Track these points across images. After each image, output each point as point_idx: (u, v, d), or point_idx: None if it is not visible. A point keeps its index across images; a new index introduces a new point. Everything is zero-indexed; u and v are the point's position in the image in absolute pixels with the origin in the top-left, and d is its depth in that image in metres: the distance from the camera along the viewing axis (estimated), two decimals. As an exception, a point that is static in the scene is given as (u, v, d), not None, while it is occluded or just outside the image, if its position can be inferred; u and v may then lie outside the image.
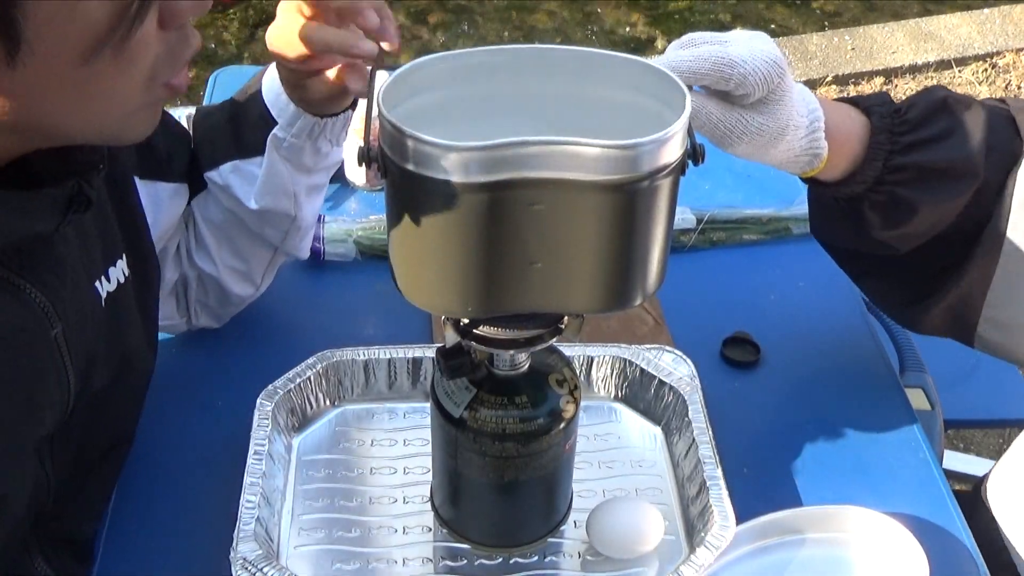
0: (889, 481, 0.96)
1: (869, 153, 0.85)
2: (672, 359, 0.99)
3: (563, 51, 0.68)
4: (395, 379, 0.99)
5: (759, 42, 0.77)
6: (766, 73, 0.75)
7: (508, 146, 0.59)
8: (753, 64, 0.75)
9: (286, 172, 0.93)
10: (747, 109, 0.78)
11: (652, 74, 0.68)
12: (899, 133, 0.85)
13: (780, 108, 0.78)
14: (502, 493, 0.80)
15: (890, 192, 0.86)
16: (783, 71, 0.76)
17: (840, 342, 1.12)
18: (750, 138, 0.79)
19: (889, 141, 0.85)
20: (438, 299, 0.67)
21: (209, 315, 1.06)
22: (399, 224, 0.64)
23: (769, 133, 0.79)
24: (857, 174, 0.85)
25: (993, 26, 3.32)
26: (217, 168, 0.94)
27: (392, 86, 0.64)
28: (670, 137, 0.61)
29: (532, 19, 3.43)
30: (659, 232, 0.65)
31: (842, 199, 0.88)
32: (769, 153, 0.82)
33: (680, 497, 0.91)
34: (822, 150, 0.83)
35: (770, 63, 0.76)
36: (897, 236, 0.89)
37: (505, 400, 0.76)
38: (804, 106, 0.81)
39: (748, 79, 0.75)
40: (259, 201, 0.94)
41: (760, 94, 0.77)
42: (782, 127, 0.79)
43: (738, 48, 0.75)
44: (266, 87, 0.91)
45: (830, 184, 0.87)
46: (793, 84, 0.79)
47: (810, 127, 0.82)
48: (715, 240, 1.24)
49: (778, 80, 0.76)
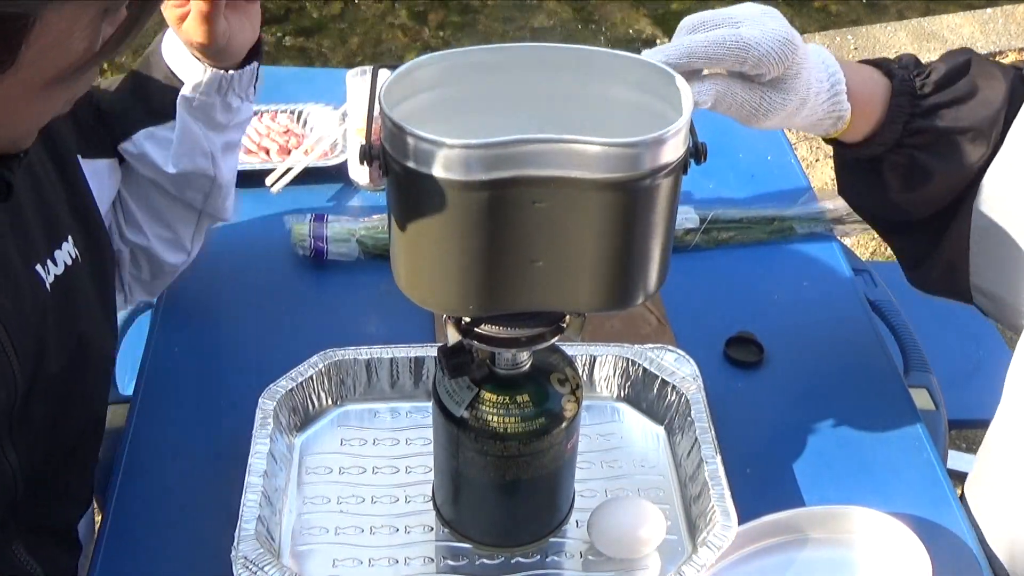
0: (893, 481, 0.95)
1: (889, 115, 0.86)
2: (675, 359, 0.99)
3: (564, 49, 0.68)
4: (397, 378, 0.98)
5: (770, 20, 0.77)
6: (780, 54, 0.76)
7: (509, 144, 0.58)
8: (768, 46, 0.75)
9: (200, 131, 0.95)
10: (766, 86, 0.79)
11: (654, 72, 0.67)
12: (920, 96, 0.86)
13: (798, 82, 0.79)
14: (504, 492, 0.80)
15: (909, 155, 0.87)
16: (795, 47, 0.77)
17: (844, 342, 1.12)
18: (775, 112, 0.79)
19: (910, 104, 0.86)
20: (439, 297, 0.67)
21: (143, 289, 1.07)
22: (401, 222, 0.64)
23: (792, 105, 0.80)
24: (877, 136, 0.86)
25: (996, 25, 3.32)
26: (131, 138, 0.95)
27: (393, 84, 0.64)
28: (671, 135, 0.60)
29: (534, 18, 3.43)
30: (660, 231, 0.65)
31: (863, 160, 0.89)
32: (793, 121, 0.83)
33: (682, 497, 0.91)
34: (845, 112, 0.83)
35: (782, 42, 0.76)
36: (916, 199, 0.90)
37: (507, 399, 0.76)
38: (823, 71, 0.82)
39: (763, 60, 0.75)
40: (177, 164, 0.96)
41: (776, 73, 0.77)
42: (803, 98, 0.80)
43: (751, 29, 0.76)
44: (167, 51, 0.93)
45: (852, 146, 0.88)
46: (808, 54, 0.80)
47: (831, 90, 0.82)
48: (719, 240, 1.24)
49: (792, 57, 0.77)
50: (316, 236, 1.17)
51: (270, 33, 3.38)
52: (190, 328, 1.09)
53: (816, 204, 1.28)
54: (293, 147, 1.34)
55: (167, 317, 1.10)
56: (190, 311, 1.10)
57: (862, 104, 0.85)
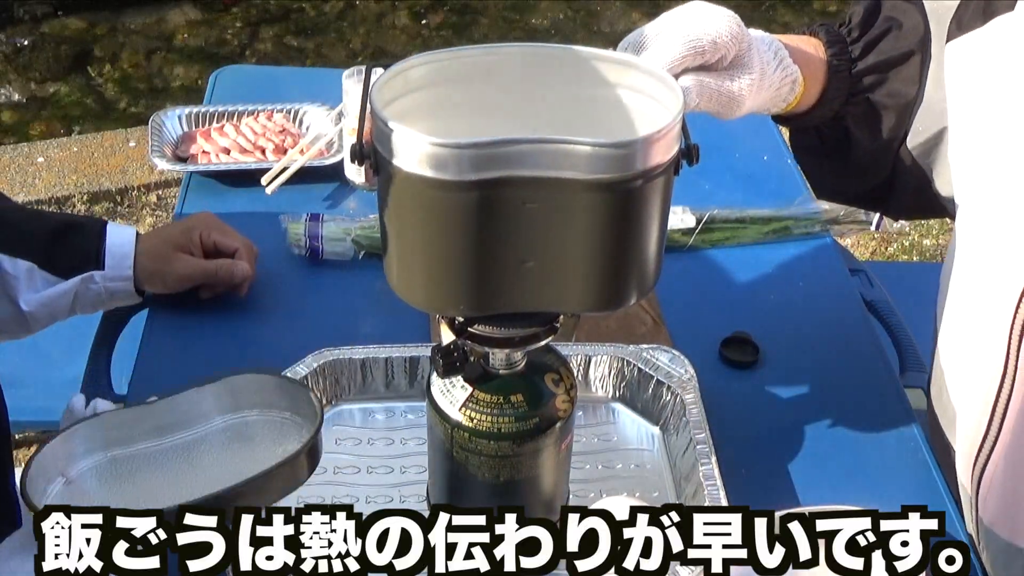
0: (888, 481, 0.95)
1: (832, 67, 0.88)
2: (670, 359, 0.99)
3: (557, 50, 0.68)
4: (392, 378, 0.98)
5: (702, 11, 0.78)
6: (729, 29, 0.77)
7: (500, 144, 0.58)
8: (715, 27, 0.76)
9: (69, 306, 1.01)
10: (728, 70, 0.80)
11: (645, 74, 0.67)
12: (851, 41, 0.89)
13: (751, 55, 0.80)
14: (498, 492, 0.80)
15: (865, 99, 0.90)
16: (738, 19, 0.78)
17: (840, 342, 1.12)
18: (746, 91, 0.80)
19: (845, 52, 0.89)
20: (431, 297, 0.67)
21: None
22: (392, 221, 0.64)
23: (755, 78, 0.81)
24: (829, 91, 0.89)
25: (996, 26, 3.32)
26: (15, 259, 0.99)
27: (385, 84, 0.64)
28: (662, 136, 0.60)
29: (531, 18, 3.43)
30: (652, 232, 0.65)
31: (825, 128, 0.92)
32: (760, 98, 0.84)
33: (677, 497, 0.90)
34: (795, 72, 0.85)
35: (728, 18, 0.77)
36: (885, 144, 0.92)
37: (501, 399, 0.76)
38: (761, 39, 0.83)
39: (718, 41, 0.76)
40: (29, 306, 0.99)
41: (735, 51, 0.78)
42: (761, 70, 0.81)
43: (693, 21, 0.77)
44: (115, 239, 1.01)
45: (810, 113, 0.90)
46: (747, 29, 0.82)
47: (777, 55, 0.84)
48: (714, 240, 1.24)
49: (740, 31, 0.78)
50: (312, 235, 1.17)
51: (270, 33, 3.38)
52: (184, 327, 1.09)
53: (812, 204, 1.28)
54: (289, 146, 1.34)
55: (161, 316, 1.10)
56: (184, 310, 1.10)
57: (803, 63, 0.86)
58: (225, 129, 1.38)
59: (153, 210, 2.60)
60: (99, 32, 3.38)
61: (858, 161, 0.94)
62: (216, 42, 3.35)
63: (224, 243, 1.09)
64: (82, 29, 3.39)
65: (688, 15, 0.78)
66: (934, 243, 2.59)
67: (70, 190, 2.57)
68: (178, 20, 3.44)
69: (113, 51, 3.30)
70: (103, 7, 3.41)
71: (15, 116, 3.05)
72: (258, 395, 0.78)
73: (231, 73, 1.57)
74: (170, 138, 1.39)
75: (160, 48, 3.33)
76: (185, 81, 3.18)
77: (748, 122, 1.39)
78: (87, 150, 2.71)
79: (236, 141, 1.35)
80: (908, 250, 2.58)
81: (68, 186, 2.59)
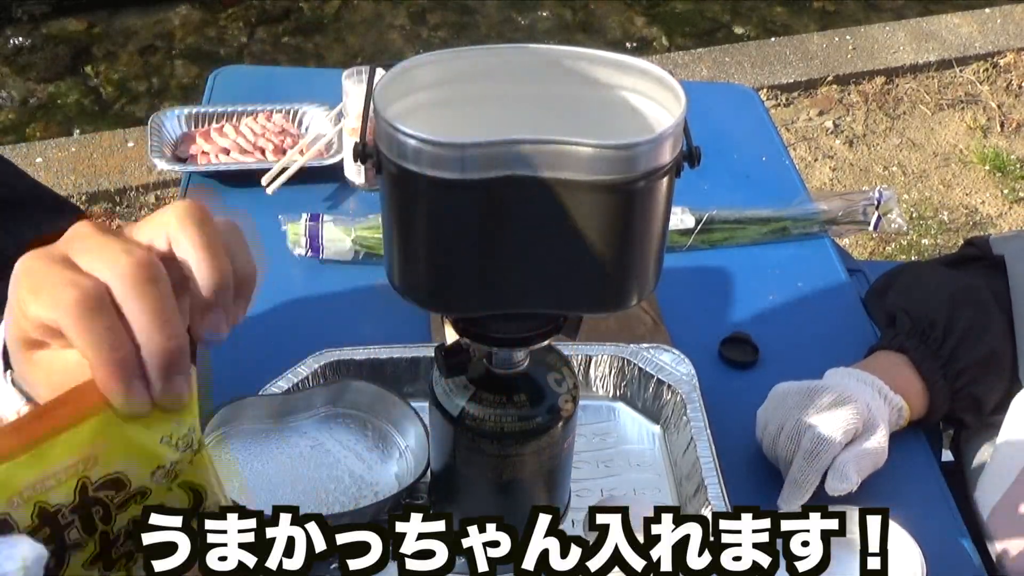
0: (887, 481, 0.96)
1: (928, 379, 0.97)
2: (671, 358, 0.99)
3: (559, 51, 0.68)
4: (393, 379, 0.98)
5: (851, 407, 0.91)
6: (889, 421, 0.93)
7: (503, 144, 0.59)
8: (883, 437, 0.91)
9: None
10: (864, 433, 0.92)
11: (648, 75, 0.67)
12: (936, 347, 0.97)
13: (872, 409, 0.92)
14: (500, 491, 0.80)
15: (968, 393, 0.97)
16: (875, 384, 0.94)
17: (839, 342, 1.12)
18: (886, 443, 0.92)
19: (933, 357, 0.96)
20: (432, 297, 0.67)
21: None
22: (394, 221, 0.64)
23: (886, 429, 0.93)
24: (934, 401, 0.98)
25: (994, 25, 3.32)
26: None
27: (388, 84, 0.64)
28: (665, 138, 0.61)
29: (531, 19, 3.43)
30: (654, 233, 0.65)
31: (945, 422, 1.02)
32: None
33: (678, 496, 0.91)
34: (899, 401, 0.95)
35: (874, 393, 0.93)
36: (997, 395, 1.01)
37: (503, 399, 0.76)
38: (865, 385, 0.93)
39: (872, 420, 0.91)
40: None
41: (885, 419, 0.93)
42: (883, 416, 0.93)
43: (871, 443, 0.91)
44: None
45: (926, 421, 0.99)
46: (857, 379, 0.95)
47: (881, 394, 0.94)
48: (714, 240, 1.24)
49: (881, 398, 0.93)
50: (312, 236, 1.17)
51: (269, 33, 3.38)
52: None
53: (811, 205, 1.28)
54: (288, 147, 1.34)
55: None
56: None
57: (903, 387, 0.96)
58: (224, 129, 1.38)
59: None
60: (97, 32, 3.37)
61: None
62: (215, 42, 3.34)
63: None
64: (81, 29, 3.38)
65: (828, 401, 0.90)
66: (932, 243, 2.60)
67: (69, 190, 2.57)
68: (177, 20, 3.43)
69: (112, 51, 3.30)
70: (101, 7, 3.41)
71: (13, 116, 3.05)
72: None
73: (230, 73, 1.57)
74: (169, 138, 1.39)
75: (159, 48, 3.32)
76: (184, 81, 3.18)
77: (747, 123, 1.40)
78: (86, 150, 2.71)
79: (236, 141, 1.36)
80: (906, 250, 2.58)
81: (67, 186, 2.59)
